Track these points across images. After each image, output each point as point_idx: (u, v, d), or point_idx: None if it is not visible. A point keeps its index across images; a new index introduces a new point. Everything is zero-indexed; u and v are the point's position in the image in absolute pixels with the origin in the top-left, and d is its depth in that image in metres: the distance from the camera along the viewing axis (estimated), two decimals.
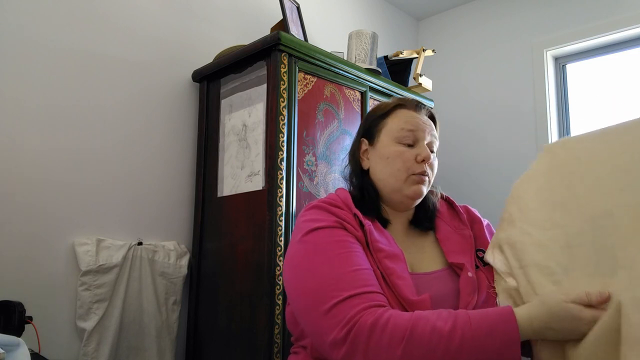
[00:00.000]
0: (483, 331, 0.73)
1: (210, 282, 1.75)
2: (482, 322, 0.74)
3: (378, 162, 1.03)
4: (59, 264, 1.54)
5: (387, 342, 0.73)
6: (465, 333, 0.73)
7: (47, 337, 1.44)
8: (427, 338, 0.73)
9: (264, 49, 1.62)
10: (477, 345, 0.72)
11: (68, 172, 1.59)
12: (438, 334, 0.73)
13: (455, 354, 0.72)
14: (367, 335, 0.74)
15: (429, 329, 0.74)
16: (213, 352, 1.70)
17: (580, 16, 2.49)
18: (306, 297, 0.84)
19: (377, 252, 0.91)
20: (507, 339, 0.73)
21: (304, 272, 0.87)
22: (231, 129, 1.77)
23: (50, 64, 1.58)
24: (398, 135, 1.02)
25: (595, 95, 2.54)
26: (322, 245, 0.88)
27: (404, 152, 1.00)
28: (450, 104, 2.91)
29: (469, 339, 0.72)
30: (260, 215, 1.57)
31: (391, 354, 0.72)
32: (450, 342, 0.72)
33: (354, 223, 0.94)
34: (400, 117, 1.04)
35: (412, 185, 1.00)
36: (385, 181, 1.02)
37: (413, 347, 0.72)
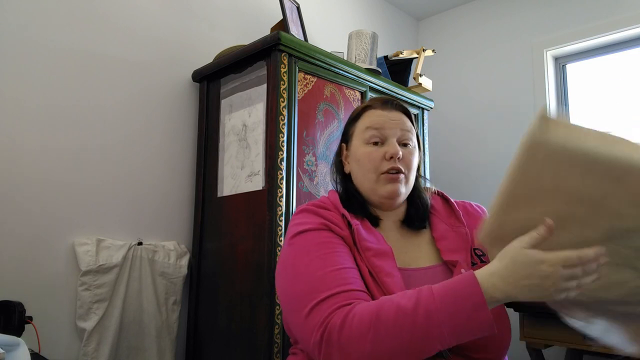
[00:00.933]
0: (447, 300, 0.73)
1: (210, 282, 1.75)
2: (445, 292, 0.74)
3: (354, 166, 1.05)
4: (59, 264, 1.54)
5: (356, 335, 0.74)
6: (429, 306, 0.73)
7: (47, 337, 1.44)
8: (392, 320, 0.73)
9: (264, 49, 1.62)
10: (443, 316, 0.72)
11: (68, 172, 1.59)
12: (403, 313, 0.73)
13: (423, 329, 0.72)
14: (338, 333, 0.75)
15: (394, 310, 0.74)
16: (213, 352, 1.70)
17: (580, 16, 2.49)
18: (291, 301, 0.86)
19: (365, 250, 0.92)
20: (473, 303, 0.72)
21: (289, 276, 0.89)
22: (231, 129, 1.77)
23: (50, 64, 1.58)
24: (365, 136, 1.02)
25: (595, 95, 2.54)
26: (305, 248, 0.90)
27: (372, 152, 1.01)
28: (450, 104, 2.91)
29: (435, 312, 0.72)
30: (260, 215, 1.57)
31: (362, 344, 0.73)
32: (416, 318, 0.72)
33: (341, 224, 0.95)
34: (367, 117, 1.05)
35: (385, 185, 1.00)
36: (361, 183, 1.03)
37: (380, 332, 0.73)
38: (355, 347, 0.74)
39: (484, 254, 1.01)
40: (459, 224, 1.05)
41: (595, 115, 2.53)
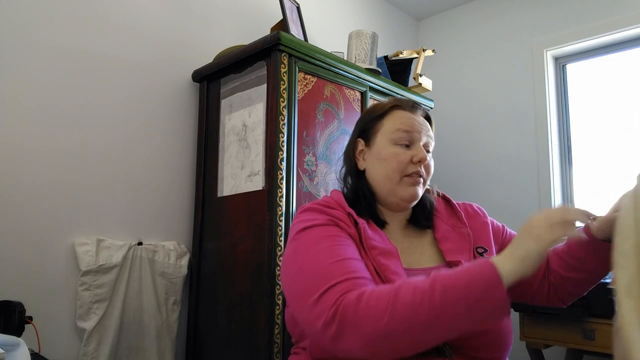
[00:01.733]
0: (462, 279, 0.74)
1: (210, 282, 1.75)
2: (460, 272, 0.76)
3: (374, 163, 1.04)
4: (59, 264, 1.54)
5: (373, 311, 0.74)
6: (445, 283, 0.74)
7: (47, 337, 1.44)
8: (409, 298, 0.74)
9: (264, 49, 1.62)
10: (459, 293, 0.73)
11: (68, 172, 1.59)
12: (420, 291, 0.74)
13: (440, 307, 0.72)
14: (354, 308, 0.75)
15: (411, 289, 0.75)
16: (213, 352, 1.70)
17: (580, 16, 2.49)
18: (297, 291, 0.85)
19: (371, 249, 0.92)
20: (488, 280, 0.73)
21: (295, 270, 0.88)
22: (231, 129, 1.77)
23: (50, 64, 1.58)
24: (394, 137, 1.02)
25: (595, 95, 2.54)
26: (312, 240, 0.90)
27: (400, 153, 1.00)
28: (450, 104, 2.91)
29: (451, 288, 0.73)
30: (260, 215, 1.57)
31: (378, 320, 0.73)
32: (433, 296, 0.73)
33: (347, 222, 0.95)
34: (396, 118, 1.04)
35: (407, 187, 1.00)
36: (380, 182, 1.02)
37: (398, 308, 0.73)
38: (371, 322, 0.74)
39: (486, 250, 1.01)
40: (461, 224, 1.05)
41: (595, 116, 2.53)
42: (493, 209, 1.45)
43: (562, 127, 2.60)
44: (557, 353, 2.13)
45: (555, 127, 2.58)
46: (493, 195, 2.64)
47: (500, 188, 2.64)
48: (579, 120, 2.58)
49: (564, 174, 2.54)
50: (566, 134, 2.58)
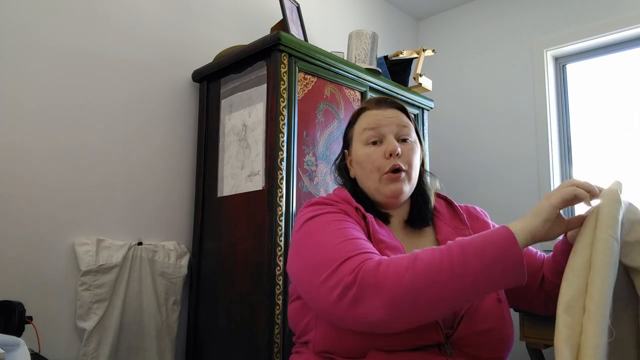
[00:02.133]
0: (478, 240, 0.77)
1: (210, 282, 1.75)
2: (477, 236, 0.79)
3: (357, 170, 1.06)
4: (59, 264, 1.54)
5: (394, 271, 0.76)
6: (463, 243, 0.77)
7: (47, 337, 1.44)
8: (429, 258, 0.76)
9: (264, 49, 1.62)
10: (476, 251, 0.75)
11: (68, 172, 1.59)
12: (439, 251, 0.77)
13: (459, 265, 0.74)
14: (373, 272, 0.76)
15: (430, 251, 0.78)
16: (213, 352, 1.70)
17: (580, 16, 2.49)
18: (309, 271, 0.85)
19: (378, 243, 0.92)
20: (502, 238, 0.75)
21: (304, 252, 0.89)
22: (231, 129, 1.77)
23: (50, 64, 1.58)
24: (362, 138, 1.03)
25: (595, 95, 2.54)
26: (321, 225, 0.91)
27: (372, 152, 1.01)
28: (450, 104, 2.91)
29: (468, 247, 0.76)
30: (260, 215, 1.57)
31: (400, 278, 0.75)
32: (452, 254, 0.75)
33: (355, 215, 0.96)
34: (363, 119, 1.06)
35: (388, 185, 1.00)
36: (366, 185, 1.04)
37: (418, 266, 0.75)
38: (392, 281, 0.75)
39: None
40: (463, 226, 1.05)
41: (595, 116, 2.53)
42: (493, 209, 1.44)
43: (562, 127, 2.60)
44: None
45: (555, 127, 2.58)
46: (493, 195, 2.64)
47: (500, 188, 2.64)
48: (579, 120, 2.58)
49: (564, 174, 2.54)
50: (566, 134, 2.58)
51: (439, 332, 0.85)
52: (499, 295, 0.94)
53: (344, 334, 0.86)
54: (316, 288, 0.82)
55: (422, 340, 0.84)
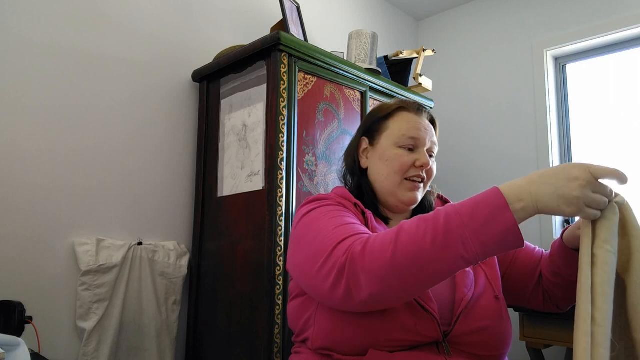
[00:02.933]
0: (467, 204, 0.73)
1: (210, 282, 1.75)
2: (465, 201, 0.74)
3: (377, 163, 1.05)
4: (59, 264, 1.54)
5: (378, 247, 0.74)
6: (449, 211, 0.73)
7: (47, 337, 1.44)
8: (414, 228, 0.74)
9: (264, 49, 1.62)
10: (463, 218, 0.70)
11: (68, 172, 1.59)
12: (424, 220, 0.74)
13: (445, 231, 0.70)
14: (360, 253, 0.75)
15: (415, 220, 0.75)
16: (213, 352, 1.70)
17: (580, 16, 2.49)
18: (305, 263, 0.86)
19: None
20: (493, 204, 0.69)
21: (301, 245, 0.90)
22: (231, 129, 1.77)
23: (50, 64, 1.58)
24: (398, 140, 1.03)
25: (595, 95, 2.54)
26: (316, 217, 0.91)
27: (403, 155, 1.02)
28: (450, 104, 2.91)
29: (454, 214, 0.71)
30: (260, 215, 1.57)
31: (385, 250, 0.73)
32: (437, 222, 0.72)
33: (354, 210, 0.97)
34: (402, 120, 1.05)
35: (407, 192, 1.02)
36: (381, 183, 1.04)
37: (402, 238, 0.73)
38: (377, 257, 0.73)
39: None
40: None
41: (595, 116, 2.53)
42: None
43: (562, 127, 2.60)
44: (557, 353, 2.13)
45: (555, 127, 2.58)
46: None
47: None
48: (579, 120, 2.58)
49: None
50: (566, 134, 2.58)
51: (437, 329, 0.85)
52: (497, 293, 0.94)
53: (342, 331, 0.86)
54: (313, 277, 0.82)
55: (420, 337, 0.85)
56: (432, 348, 0.86)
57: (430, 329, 0.85)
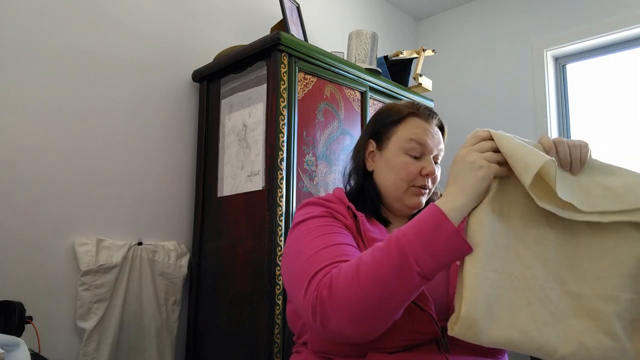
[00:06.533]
0: (412, 225, 0.76)
1: (210, 282, 1.75)
2: (410, 223, 0.77)
3: (383, 168, 1.05)
4: (59, 264, 1.54)
5: (343, 283, 0.75)
6: (398, 234, 0.75)
7: (47, 337, 1.44)
8: (370, 259, 0.75)
9: (264, 49, 1.62)
10: (411, 236, 0.73)
11: (68, 172, 1.59)
12: (379, 250, 0.76)
13: (398, 255, 0.73)
14: (328, 289, 0.76)
15: (371, 252, 0.77)
16: (213, 352, 1.70)
17: (580, 16, 2.49)
18: (293, 281, 0.86)
19: (369, 240, 0.93)
20: (434, 218, 0.74)
21: (290, 260, 0.90)
22: (231, 129, 1.77)
23: (50, 64, 1.58)
24: (406, 147, 1.03)
25: (595, 95, 2.54)
26: (306, 231, 0.91)
27: (410, 164, 1.02)
28: (450, 104, 2.91)
29: (402, 236, 0.74)
30: (260, 215, 1.57)
31: (349, 288, 0.74)
32: (390, 249, 0.74)
33: (345, 214, 0.97)
34: (411, 126, 1.05)
35: (412, 197, 1.03)
36: (387, 187, 1.04)
37: (362, 271, 0.74)
38: (344, 293, 0.74)
39: None
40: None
41: (595, 116, 2.53)
42: None
43: (562, 127, 2.60)
44: None
45: (555, 127, 2.58)
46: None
47: None
48: (579, 120, 2.58)
49: None
50: (566, 134, 2.58)
51: (434, 326, 0.85)
52: None
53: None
54: (300, 305, 0.83)
55: (418, 335, 0.85)
56: (432, 346, 0.86)
57: (427, 327, 0.85)
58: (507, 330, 0.70)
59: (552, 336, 0.70)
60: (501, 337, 0.69)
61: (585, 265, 0.74)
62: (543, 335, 0.69)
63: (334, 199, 1.01)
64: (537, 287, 0.72)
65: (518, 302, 0.71)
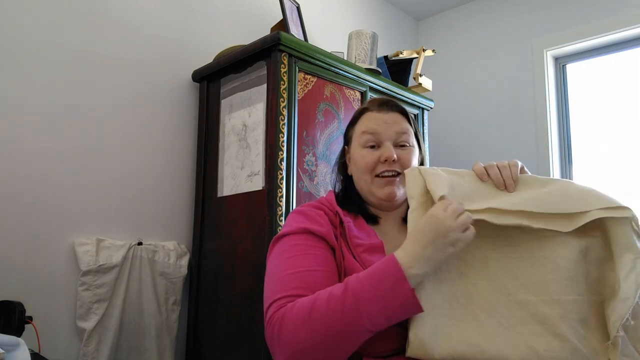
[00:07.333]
0: (371, 279, 0.76)
1: (210, 282, 1.75)
2: (369, 273, 0.77)
3: (353, 168, 1.07)
4: (59, 264, 1.54)
5: (292, 325, 0.77)
6: (355, 286, 0.76)
7: (47, 337, 1.44)
8: (324, 306, 0.76)
9: (264, 49, 1.62)
10: (368, 293, 0.74)
11: (68, 172, 1.59)
12: (334, 297, 0.76)
13: (352, 310, 0.74)
14: (279, 326, 0.78)
15: (326, 297, 0.77)
16: (213, 352, 1.70)
17: (580, 16, 2.49)
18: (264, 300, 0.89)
19: (355, 247, 0.94)
20: (393, 277, 0.74)
21: (265, 277, 0.92)
22: (231, 129, 1.77)
23: (50, 64, 1.57)
24: (362, 140, 1.04)
25: (595, 95, 2.54)
26: (280, 251, 0.93)
27: (366, 154, 1.02)
28: (450, 104, 2.91)
29: (360, 290, 0.75)
30: (260, 215, 1.57)
31: (298, 332, 0.76)
32: (345, 300, 0.75)
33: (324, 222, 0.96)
34: (364, 121, 1.06)
35: (381, 188, 1.01)
36: (359, 185, 1.05)
37: (314, 317, 0.75)
38: (292, 337, 0.76)
39: None
40: None
41: (595, 115, 2.53)
42: None
43: (562, 127, 2.60)
44: None
45: (555, 127, 2.58)
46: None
47: None
48: (579, 120, 2.58)
49: (564, 174, 2.54)
50: (566, 133, 2.58)
51: None
52: None
53: None
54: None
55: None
56: None
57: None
58: (456, 345, 0.74)
59: (501, 345, 0.74)
60: (452, 353, 0.74)
61: (528, 274, 0.79)
62: (493, 345, 0.74)
63: (326, 204, 1.02)
64: (482, 301, 0.77)
65: (464, 318, 0.76)
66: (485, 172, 0.86)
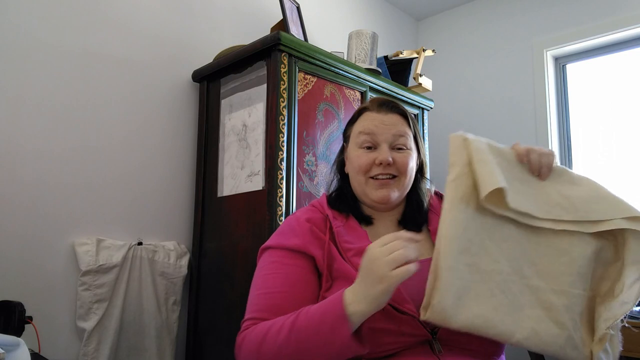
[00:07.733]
0: (316, 317, 0.78)
1: (210, 282, 1.75)
2: (317, 309, 0.80)
3: (349, 167, 1.07)
4: (59, 264, 1.54)
5: (247, 355, 0.85)
6: (301, 327, 0.78)
7: (47, 337, 1.44)
8: (272, 341, 0.81)
9: (264, 49, 1.62)
10: (311, 334, 0.77)
11: (68, 172, 1.59)
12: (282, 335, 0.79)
13: (294, 351, 0.78)
14: (237, 352, 0.87)
15: (276, 331, 0.81)
16: (213, 352, 1.70)
17: (580, 16, 2.49)
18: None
19: (345, 251, 0.94)
20: (334, 316, 0.76)
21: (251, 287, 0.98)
22: (231, 129, 1.77)
23: (50, 64, 1.58)
24: (359, 141, 1.03)
25: (595, 95, 2.54)
26: (259, 266, 0.98)
27: (361, 155, 1.01)
28: (450, 104, 2.91)
29: (304, 328, 0.78)
30: (260, 215, 1.57)
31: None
32: (290, 339, 0.78)
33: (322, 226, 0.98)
34: (362, 121, 1.05)
35: (374, 190, 1.00)
36: (354, 185, 1.05)
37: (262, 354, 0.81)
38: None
39: None
40: None
41: (595, 116, 2.53)
42: None
43: (562, 127, 2.60)
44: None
45: (555, 127, 2.58)
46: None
47: None
48: (578, 120, 2.58)
49: None
50: (566, 133, 2.58)
51: (421, 327, 0.85)
52: None
53: None
54: None
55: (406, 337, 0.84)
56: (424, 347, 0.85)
57: (414, 329, 0.84)
58: (473, 318, 0.79)
59: (510, 323, 0.80)
60: (467, 324, 0.79)
61: (544, 262, 0.84)
62: (503, 323, 0.79)
63: (318, 206, 1.03)
64: (500, 280, 0.82)
65: (483, 294, 0.80)
66: (526, 155, 0.87)
